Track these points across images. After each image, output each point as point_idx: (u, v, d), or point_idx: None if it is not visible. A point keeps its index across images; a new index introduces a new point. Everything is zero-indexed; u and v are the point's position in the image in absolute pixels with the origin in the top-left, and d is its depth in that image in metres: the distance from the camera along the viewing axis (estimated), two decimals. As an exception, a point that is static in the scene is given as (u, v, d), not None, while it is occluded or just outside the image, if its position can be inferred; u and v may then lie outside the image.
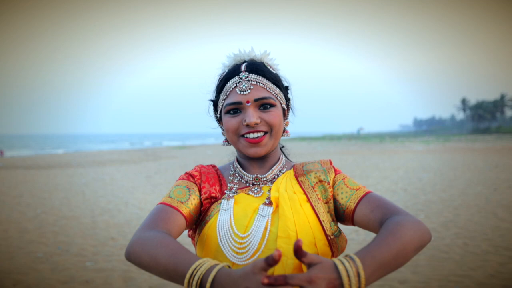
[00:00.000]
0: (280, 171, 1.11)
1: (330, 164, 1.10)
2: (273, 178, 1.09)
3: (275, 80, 1.06)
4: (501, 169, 13.61)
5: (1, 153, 27.30)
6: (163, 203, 1.01)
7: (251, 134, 1.02)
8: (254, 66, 1.04)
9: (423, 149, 28.19)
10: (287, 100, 1.12)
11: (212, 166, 1.14)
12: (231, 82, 1.03)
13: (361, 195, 1.00)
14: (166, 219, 0.96)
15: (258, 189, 1.06)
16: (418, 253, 4.49)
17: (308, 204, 1.02)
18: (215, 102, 1.11)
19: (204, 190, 1.06)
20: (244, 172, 1.09)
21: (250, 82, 1.02)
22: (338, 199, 1.02)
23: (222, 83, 1.06)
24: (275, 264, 0.69)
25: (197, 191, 1.06)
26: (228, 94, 1.03)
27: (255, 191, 1.06)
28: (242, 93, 1.01)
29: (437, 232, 5.45)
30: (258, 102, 1.02)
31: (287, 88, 1.13)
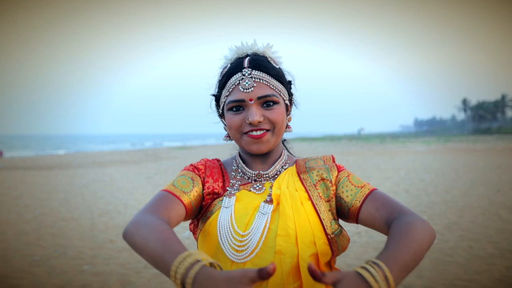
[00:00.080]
0: (282, 167, 1.10)
1: (333, 162, 1.10)
2: (275, 175, 1.09)
3: (278, 76, 1.05)
4: (503, 170, 13.53)
5: (1, 154, 27.18)
6: (166, 190, 1.01)
7: (254, 132, 1.02)
8: (257, 62, 1.03)
9: (424, 150, 28.13)
10: (290, 95, 1.11)
11: (217, 160, 1.15)
12: (234, 79, 1.02)
13: (367, 193, 0.99)
14: (167, 207, 0.96)
15: (260, 186, 1.06)
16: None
17: (309, 202, 1.01)
18: (217, 97, 1.10)
19: (208, 185, 1.06)
20: (247, 168, 1.09)
21: (253, 79, 1.00)
22: (343, 197, 1.01)
23: (225, 79, 1.04)
24: (268, 278, 0.66)
25: (200, 184, 1.06)
26: (231, 91, 1.02)
27: (257, 188, 1.05)
28: (245, 91, 1.00)
29: (441, 235, 5.36)
30: (261, 100, 1.00)
31: (290, 83, 1.11)
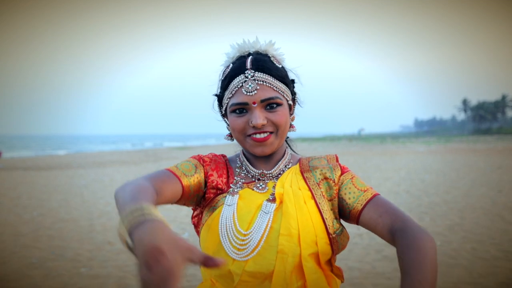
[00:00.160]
0: (286, 166, 1.10)
1: (336, 161, 1.10)
2: (279, 174, 1.08)
3: (281, 77, 1.03)
4: (504, 171, 13.46)
5: (0, 154, 27.10)
6: (168, 169, 1.01)
7: (257, 135, 1.01)
8: (260, 63, 1.01)
9: (425, 150, 28.06)
10: (293, 94, 1.09)
11: (223, 156, 1.15)
12: (237, 81, 1.00)
13: (369, 197, 0.99)
14: (164, 180, 0.96)
15: (263, 185, 1.06)
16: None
17: (313, 201, 1.01)
18: (220, 97, 1.09)
19: (212, 179, 1.06)
20: (250, 167, 1.09)
21: (256, 82, 0.99)
22: (345, 199, 1.01)
23: (228, 81, 1.03)
24: (208, 266, 0.60)
25: (203, 174, 1.06)
26: (234, 93, 1.01)
27: (260, 187, 1.05)
28: (248, 94, 0.98)
29: (444, 236, 5.29)
30: (265, 103, 1.00)
31: (293, 82, 1.10)
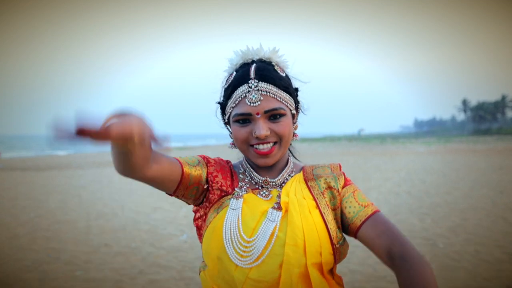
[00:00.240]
0: (289, 175, 1.10)
1: (340, 170, 1.10)
2: (283, 183, 1.08)
3: (285, 87, 1.02)
4: (505, 171, 13.40)
5: (-1, 154, 27.00)
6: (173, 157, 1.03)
7: (261, 146, 1.00)
8: (264, 72, 1.00)
9: (425, 151, 28.00)
10: (297, 103, 1.08)
11: (227, 162, 1.15)
12: (240, 91, 0.99)
13: (369, 214, 0.99)
14: (166, 156, 0.97)
15: (267, 192, 1.05)
16: (429, 261, 4.30)
17: (317, 211, 1.00)
18: (223, 105, 1.08)
19: (217, 180, 1.06)
20: (254, 173, 1.08)
21: (260, 92, 0.98)
22: (345, 212, 1.01)
23: (231, 90, 1.02)
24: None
25: (205, 171, 1.06)
26: (237, 103, 1.00)
27: (264, 194, 1.05)
28: (252, 105, 0.98)
29: (446, 238, 5.21)
30: (268, 114, 0.99)
31: (297, 90, 1.08)
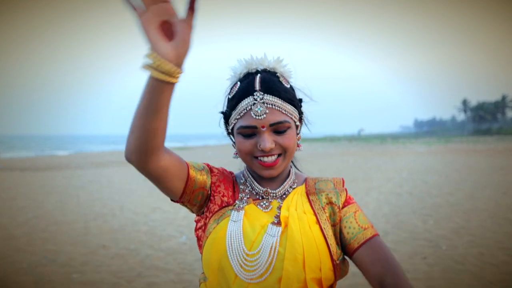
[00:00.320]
0: (291, 187, 1.08)
1: (343, 186, 1.08)
2: (284, 194, 1.07)
3: (290, 99, 1.01)
4: (507, 171, 13.32)
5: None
6: None
7: (265, 158, 1.00)
8: (269, 84, 0.99)
9: (425, 151, 27.91)
10: (301, 114, 1.07)
11: (230, 173, 1.15)
12: (245, 103, 0.98)
13: (367, 238, 0.97)
14: (175, 153, 1.00)
15: (267, 204, 1.05)
16: (432, 264, 4.19)
17: (317, 226, 0.99)
18: (226, 115, 1.07)
19: (219, 189, 1.07)
20: (255, 184, 1.08)
21: (266, 105, 0.97)
22: (344, 232, 1.00)
23: (236, 101, 1.01)
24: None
25: (209, 179, 1.06)
26: (242, 115, 0.99)
27: (264, 206, 1.04)
28: (258, 118, 0.97)
29: (449, 240, 5.13)
30: (274, 127, 0.99)
31: (301, 101, 1.08)
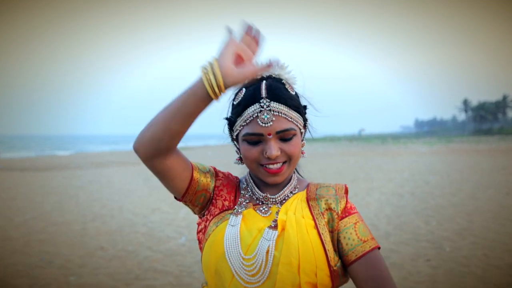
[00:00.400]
0: (291, 192, 1.08)
1: (345, 193, 1.06)
2: (283, 200, 1.07)
3: (295, 106, 1.01)
4: (509, 171, 13.23)
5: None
6: None
7: (271, 165, 1.01)
8: (275, 92, 0.99)
9: (426, 151, 27.82)
10: (305, 120, 1.07)
11: (236, 178, 1.16)
12: (252, 111, 0.98)
13: (365, 251, 0.96)
14: (183, 154, 1.02)
15: (266, 209, 1.05)
16: (436, 267, 4.11)
17: (315, 231, 0.99)
18: (232, 122, 1.06)
19: (221, 194, 1.09)
20: (256, 189, 1.09)
21: (272, 113, 0.97)
22: (342, 242, 0.99)
23: (241, 108, 1.00)
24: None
25: (213, 182, 1.09)
26: (248, 123, 0.99)
27: (263, 211, 1.05)
28: (264, 125, 0.97)
29: (453, 242, 5.04)
30: (280, 135, 0.99)
31: (305, 108, 1.08)
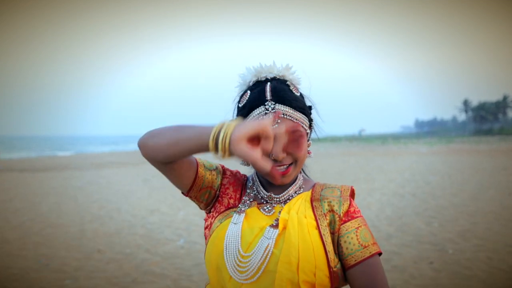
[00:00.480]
0: (296, 192, 1.09)
1: (350, 195, 1.05)
2: (287, 199, 1.07)
3: (301, 107, 1.02)
4: (510, 172, 13.19)
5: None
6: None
7: (278, 167, 1.00)
8: (280, 94, 1.00)
9: (427, 151, 27.77)
10: (310, 121, 1.08)
11: (243, 176, 1.17)
12: (257, 113, 1.00)
13: (365, 257, 0.96)
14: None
15: (270, 208, 1.06)
16: (439, 270, 4.03)
17: (317, 231, 0.98)
18: None
19: (227, 192, 1.10)
20: (261, 188, 1.09)
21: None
22: (342, 246, 0.98)
23: (247, 111, 1.02)
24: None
25: (219, 180, 1.10)
26: None
27: (267, 210, 1.05)
28: None
29: (456, 244, 4.97)
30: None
31: (311, 108, 1.08)
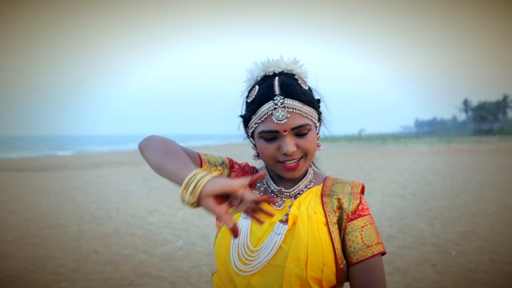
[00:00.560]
0: (306, 186, 1.08)
1: (360, 192, 1.05)
2: (297, 194, 1.07)
3: (310, 101, 1.01)
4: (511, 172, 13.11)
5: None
6: (196, 152, 1.08)
7: (288, 162, 1.00)
8: (289, 88, 0.99)
9: (427, 151, 27.71)
10: (319, 114, 1.07)
11: (253, 168, 1.17)
12: (266, 108, 0.99)
13: (367, 257, 0.96)
14: (189, 154, 1.04)
15: (280, 202, 1.06)
16: (442, 272, 3.96)
17: (326, 228, 0.98)
18: (247, 119, 1.06)
19: None
20: (271, 182, 1.09)
21: (287, 110, 0.97)
22: (347, 244, 0.98)
23: (256, 106, 1.01)
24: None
25: (226, 175, 1.10)
26: (263, 120, 0.99)
27: (277, 204, 1.05)
28: (279, 122, 0.97)
29: (458, 245, 4.89)
30: (295, 131, 0.99)
31: (319, 101, 1.07)
